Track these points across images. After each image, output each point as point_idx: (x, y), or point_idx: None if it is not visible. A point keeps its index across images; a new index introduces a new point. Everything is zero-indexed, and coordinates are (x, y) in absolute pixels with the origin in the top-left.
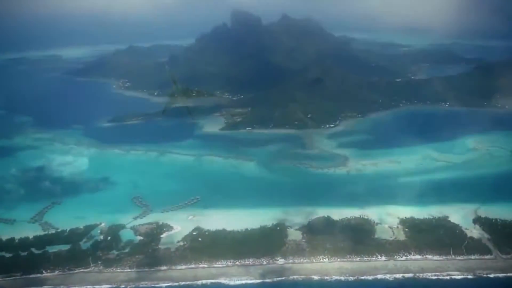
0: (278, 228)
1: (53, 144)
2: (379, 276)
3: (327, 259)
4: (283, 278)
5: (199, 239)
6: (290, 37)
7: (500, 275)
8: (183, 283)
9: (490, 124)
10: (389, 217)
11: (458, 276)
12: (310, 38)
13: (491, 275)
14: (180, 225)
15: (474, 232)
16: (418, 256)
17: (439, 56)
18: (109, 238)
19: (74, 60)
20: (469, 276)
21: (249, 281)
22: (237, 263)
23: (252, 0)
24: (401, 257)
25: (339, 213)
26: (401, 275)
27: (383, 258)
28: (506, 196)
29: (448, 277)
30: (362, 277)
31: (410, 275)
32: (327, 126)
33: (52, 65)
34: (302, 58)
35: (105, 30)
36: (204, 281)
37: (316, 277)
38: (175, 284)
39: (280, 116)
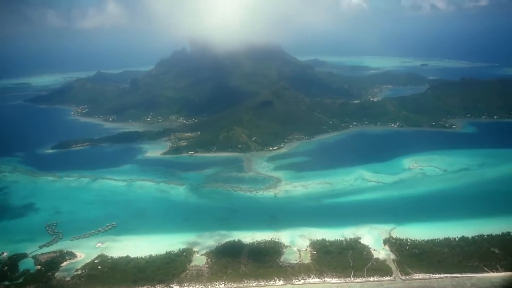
0: (184, 253)
1: None
2: None
3: (223, 284)
4: None
5: (99, 267)
6: (250, 61)
7: None
8: None
9: (433, 144)
10: (300, 240)
11: None
12: (270, 62)
13: None
14: (85, 252)
15: (382, 253)
16: (317, 280)
17: (403, 78)
18: (5, 268)
19: (41, 87)
20: None
21: None
22: None
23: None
24: (299, 281)
25: (252, 236)
26: None
27: (281, 282)
28: (424, 216)
29: None
30: None
31: None
32: (271, 148)
33: (18, 92)
34: (260, 81)
35: (79, 59)
36: None
37: None
38: None
39: (224, 139)
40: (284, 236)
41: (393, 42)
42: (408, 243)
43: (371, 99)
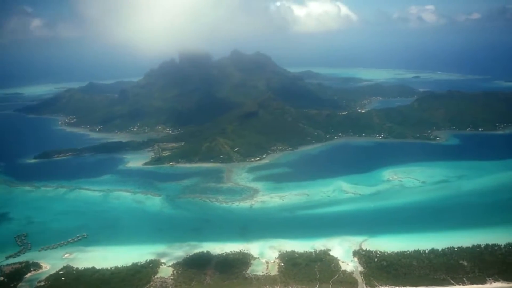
0: (151, 264)
1: None
2: None
3: None
4: None
5: (63, 278)
6: (239, 72)
7: None
8: None
9: (415, 155)
10: (270, 251)
11: None
12: (260, 73)
13: None
14: (51, 263)
15: (350, 265)
16: None
17: (393, 90)
18: None
19: (33, 97)
20: None
21: None
22: None
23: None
24: None
25: (221, 248)
26: None
27: None
28: (397, 228)
29: None
30: None
31: None
32: (253, 159)
33: (9, 102)
34: (248, 92)
35: (74, 69)
36: None
37: None
38: None
39: (207, 150)
40: (253, 248)
41: (386, 55)
42: (378, 255)
43: (359, 110)
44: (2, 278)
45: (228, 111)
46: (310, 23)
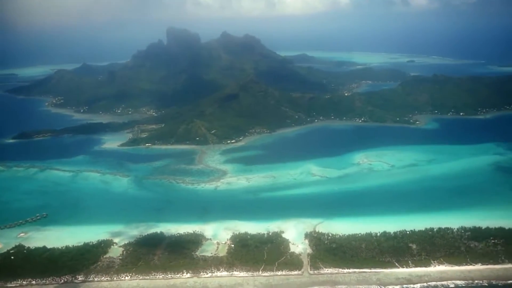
0: (102, 244)
1: None
2: None
3: (129, 276)
4: None
5: (12, 257)
6: (227, 55)
7: None
8: None
9: (391, 139)
10: (224, 233)
11: None
12: (248, 56)
13: None
14: (4, 242)
15: (299, 247)
16: (225, 273)
17: (384, 74)
18: None
19: (26, 78)
20: None
21: None
22: (33, 282)
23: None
24: (207, 274)
25: (177, 228)
26: None
27: (188, 275)
28: (355, 211)
29: None
30: None
31: None
32: (229, 141)
33: (1, 83)
34: (236, 74)
35: (74, 51)
36: None
37: None
38: None
39: (183, 131)
40: (208, 229)
41: (382, 39)
42: (329, 237)
43: (346, 94)
44: None
45: (213, 94)
46: (296, 5)
